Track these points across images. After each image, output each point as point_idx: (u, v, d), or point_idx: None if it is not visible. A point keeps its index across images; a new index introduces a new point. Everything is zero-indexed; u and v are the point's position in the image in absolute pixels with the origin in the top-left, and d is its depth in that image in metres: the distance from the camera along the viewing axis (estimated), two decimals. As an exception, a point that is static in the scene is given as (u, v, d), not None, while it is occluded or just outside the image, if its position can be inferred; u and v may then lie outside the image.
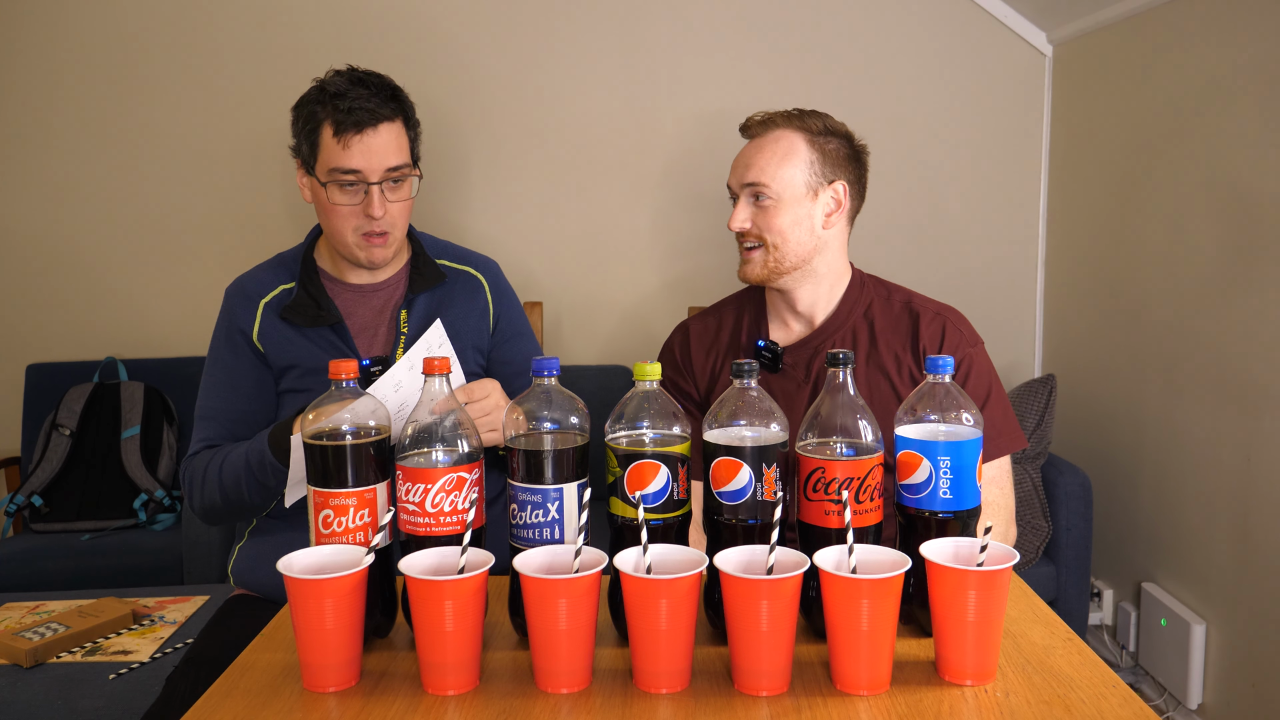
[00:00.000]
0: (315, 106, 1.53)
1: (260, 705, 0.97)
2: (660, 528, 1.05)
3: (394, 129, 1.54)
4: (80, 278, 3.10)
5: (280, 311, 1.59)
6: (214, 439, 1.58)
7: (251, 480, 1.48)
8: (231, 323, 1.61)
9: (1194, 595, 2.39)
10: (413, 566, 1.00)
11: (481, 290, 1.70)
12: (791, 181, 1.51)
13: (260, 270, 1.66)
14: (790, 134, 1.53)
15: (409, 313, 1.62)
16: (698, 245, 3.08)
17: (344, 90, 1.51)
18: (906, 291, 1.60)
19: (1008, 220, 3.09)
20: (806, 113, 1.54)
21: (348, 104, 1.50)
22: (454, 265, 1.70)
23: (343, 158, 1.51)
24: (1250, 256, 2.15)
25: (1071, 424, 2.90)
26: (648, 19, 3.01)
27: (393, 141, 1.53)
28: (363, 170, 1.51)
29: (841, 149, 1.55)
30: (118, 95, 3.03)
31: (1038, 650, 1.06)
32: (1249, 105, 2.15)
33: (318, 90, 1.54)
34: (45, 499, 2.84)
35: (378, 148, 1.52)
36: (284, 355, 1.59)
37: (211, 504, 1.54)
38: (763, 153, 1.52)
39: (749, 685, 0.97)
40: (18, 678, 1.88)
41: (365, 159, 1.51)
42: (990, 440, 1.49)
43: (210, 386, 1.62)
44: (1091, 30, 2.76)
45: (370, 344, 1.62)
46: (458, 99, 2.99)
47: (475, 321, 1.68)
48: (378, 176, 1.52)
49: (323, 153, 1.53)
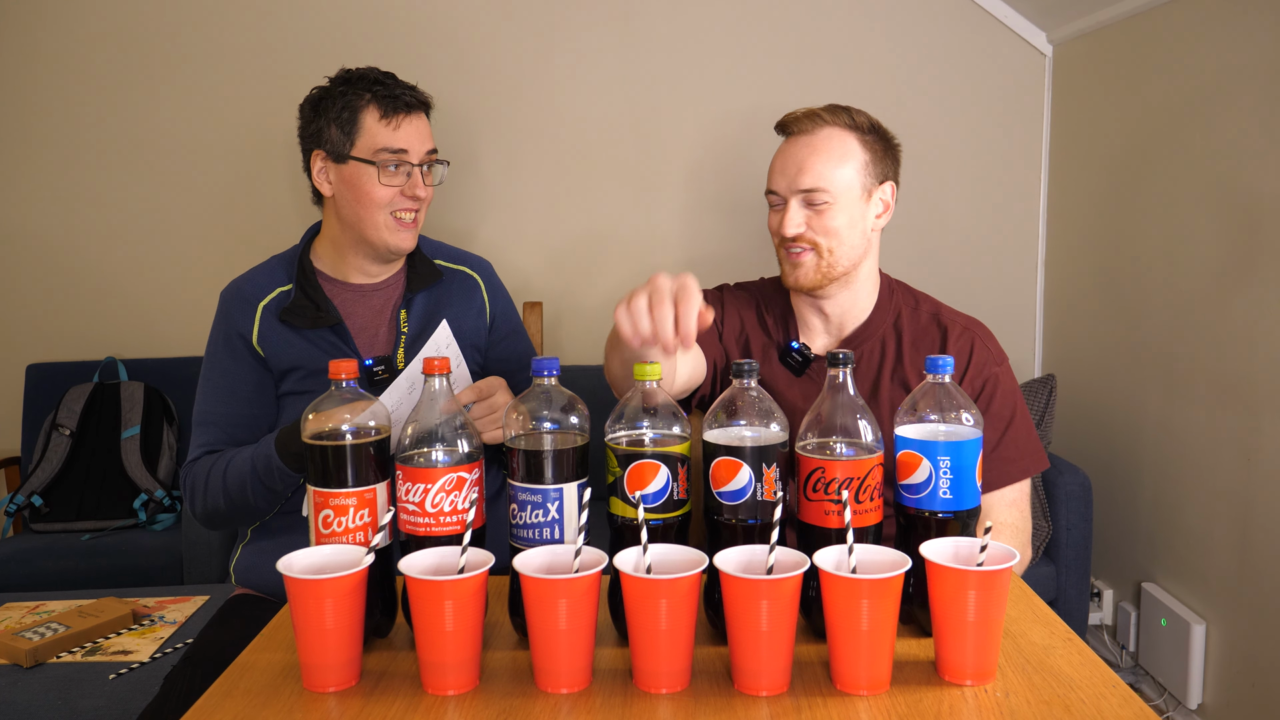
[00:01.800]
0: (352, 94, 1.55)
1: (260, 705, 0.97)
2: (660, 528, 1.05)
3: (427, 122, 1.62)
4: (80, 278, 3.10)
5: (279, 314, 1.58)
6: (214, 444, 1.57)
7: (258, 485, 1.47)
8: (230, 326, 1.60)
9: (1194, 595, 2.39)
10: (413, 566, 1.00)
11: (478, 289, 1.72)
12: (849, 183, 1.45)
13: (256, 273, 1.65)
14: (841, 132, 1.47)
15: (408, 312, 1.63)
16: (698, 245, 3.09)
17: (382, 79, 1.57)
18: (934, 302, 1.56)
19: (1008, 220, 3.09)
20: (852, 109, 1.48)
21: (389, 90, 1.55)
22: (449, 265, 1.72)
23: (393, 138, 1.55)
24: (1250, 256, 2.15)
25: (1071, 424, 2.90)
26: (647, 20, 3.01)
27: (428, 128, 1.61)
28: (409, 150, 1.56)
29: (887, 148, 1.50)
30: (118, 96, 3.03)
31: (1038, 650, 1.06)
32: (1249, 105, 2.15)
33: (344, 81, 1.57)
34: (45, 499, 2.84)
35: (422, 130, 1.59)
36: (284, 358, 1.58)
37: (214, 509, 1.54)
38: (817, 153, 1.45)
39: (749, 685, 0.97)
40: (18, 678, 1.88)
41: (410, 139, 1.56)
42: (1012, 461, 1.47)
43: (209, 391, 1.60)
44: (1091, 30, 2.76)
45: (370, 344, 1.62)
46: (458, 99, 2.99)
47: (473, 320, 1.69)
48: (419, 158, 1.58)
49: (364, 135, 1.55)
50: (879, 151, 1.48)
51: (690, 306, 1.06)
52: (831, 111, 1.48)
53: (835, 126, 1.47)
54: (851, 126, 1.47)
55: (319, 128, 1.58)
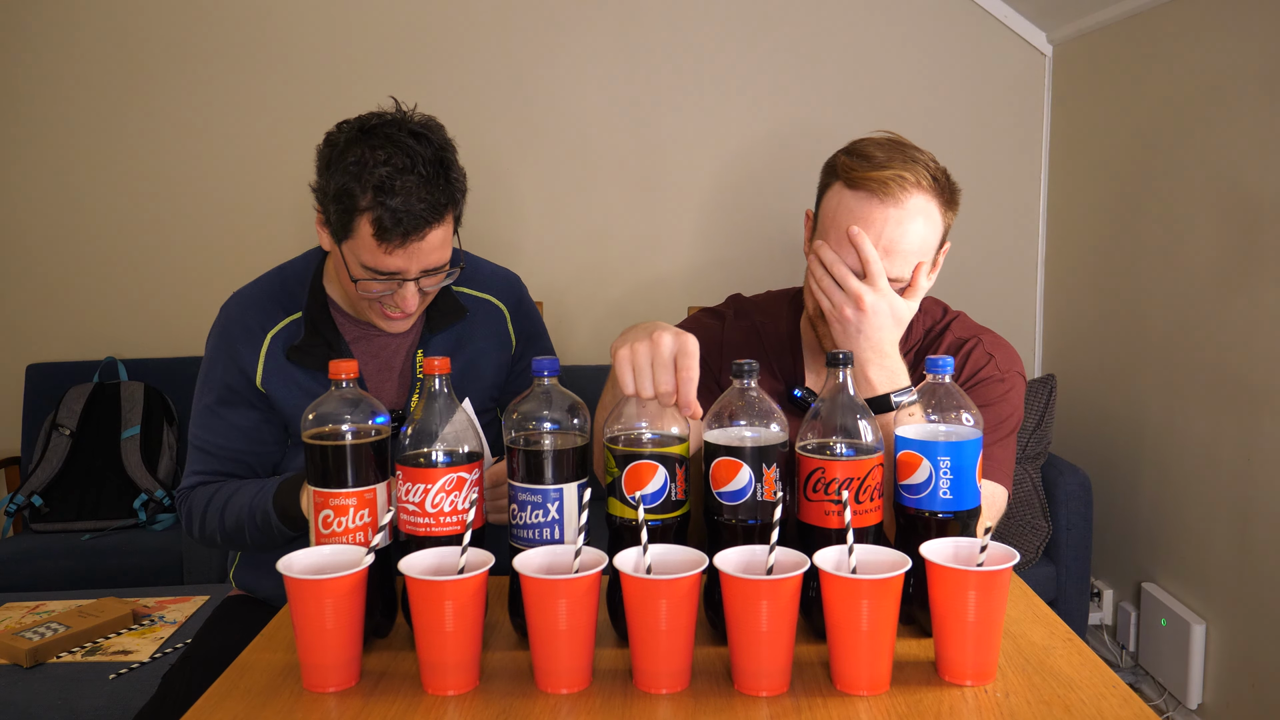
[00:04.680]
0: (355, 186, 1.30)
1: (260, 705, 0.97)
2: (659, 528, 1.05)
3: (442, 229, 1.35)
4: (80, 278, 3.10)
5: (287, 352, 1.45)
6: (210, 475, 1.49)
7: (255, 533, 1.40)
8: (231, 359, 1.46)
9: (1194, 595, 2.39)
10: (413, 566, 1.00)
11: (502, 320, 1.59)
12: (925, 260, 1.30)
13: (262, 293, 1.50)
14: (927, 202, 1.27)
15: (425, 353, 1.50)
16: (698, 245, 3.09)
17: (392, 183, 1.29)
18: (949, 319, 1.45)
19: (1008, 220, 3.09)
20: (923, 154, 1.30)
21: (395, 201, 1.29)
22: (474, 294, 1.57)
23: (382, 261, 1.33)
24: (1250, 257, 2.15)
25: (1071, 424, 2.90)
26: (649, 21, 3.01)
27: (438, 241, 1.36)
28: (403, 271, 1.36)
29: (952, 197, 1.32)
30: (118, 96, 3.03)
31: (1038, 650, 1.06)
32: (1249, 105, 2.14)
33: (357, 164, 1.30)
34: (45, 499, 2.84)
35: (423, 251, 1.34)
36: (291, 402, 1.45)
37: (210, 540, 1.48)
38: (907, 236, 1.26)
39: (749, 685, 0.97)
40: (18, 678, 1.88)
41: (406, 262, 1.34)
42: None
43: (205, 420, 1.48)
44: (1091, 30, 2.76)
45: (383, 387, 1.51)
46: (459, 100, 2.99)
47: (495, 355, 1.58)
48: (416, 274, 1.37)
49: (356, 241, 1.33)
50: (947, 204, 1.31)
51: (689, 377, 1.06)
52: (912, 168, 1.26)
53: (921, 193, 1.26)
54: (932, 186, 1.27)
55: (323, 188, 1.37)
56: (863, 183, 1.26)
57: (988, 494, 1.30)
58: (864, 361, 1.25)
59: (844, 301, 1.25)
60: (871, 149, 1.29)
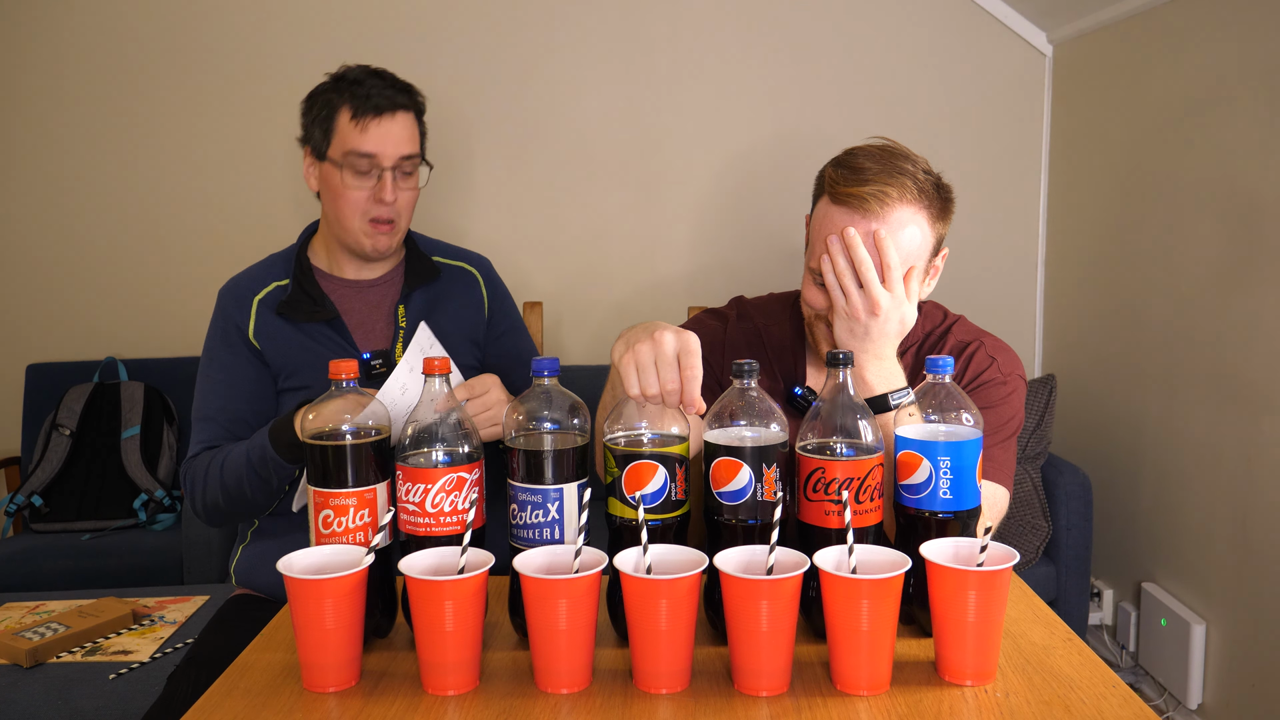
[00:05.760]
0: (332, 94, 1.57)
1: (260, 705, 0.97)
2: (659, 528, 1.05)
3: (408, 119, 1.59)
4: (80, 278, 3.10)
5: (276, 308, 1.59)
6: (214, 440, 1.57)
7: (254, 477, 1.47)
8: (227, 321, 1.60)
9: (1194, 595, 2.39)
10: (413, 566, 1.00)
11: (476, 285, 1.72)
12: (916, 267, 1.29)
13: (253, 269, 1.66)
14: (912, 212, 1.27)
15: (406, 308, 1.63)
16: (698, 247, 3.08)
17: (361, 79, 1.57)
18: (949, 322, 1.45)
19: (1008, 220, 3.09)
20: (911, 163, 1.28)
21: (366, 90, 1.55)
22: (447, 261, 1.72)
23: (360, 140, 1.54)
24: (1250, 257, 2.15)
25: (1071, 424, 2.90)
26: (647, 21, 3.01)
27: (407, 130, 1.58)
28: (378, 154, 1.55)
29: (944, 207, 1.32)
30: (118, 95, 3.03)
31: (1038, 650, 1.06)
32: (1249, 105, 2.15)
33: (334, 79, 1.59)
34: (45, 499, 2.84)
35: (394, 134, 1.56)
36: (282, 352, 1.58)
37: (214, 504, 1.53)
38: (888, 252, 1.25)
39: (749, 685, 0.97)
40: (18, 678, 1.88)
41: (381, 143, 1.55)
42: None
43: (207, 388, 1.60)
44: (1091, 30, 2.76)
45: (368, 339, 1.63)
46: (458, 99, 2.99)
47: (471, 315, 1.70)
48: (391, 162, 1.56)
49: (338, 136, 1.56)
50: (938, 214, 1.30)
51: (694, 374, 1.07)
52: (897, 180, 1.26)
53: (905, 206, 1.26)
54: (919, 198, 1.27)
55: (307, 124, 1.61)
56: (845, 198, 1.27)
57: (989, 495, 1.31)
58: (862, 363, 1.27)
59: (860, 303, 1.26)
60: (860, 160, 1.29)
